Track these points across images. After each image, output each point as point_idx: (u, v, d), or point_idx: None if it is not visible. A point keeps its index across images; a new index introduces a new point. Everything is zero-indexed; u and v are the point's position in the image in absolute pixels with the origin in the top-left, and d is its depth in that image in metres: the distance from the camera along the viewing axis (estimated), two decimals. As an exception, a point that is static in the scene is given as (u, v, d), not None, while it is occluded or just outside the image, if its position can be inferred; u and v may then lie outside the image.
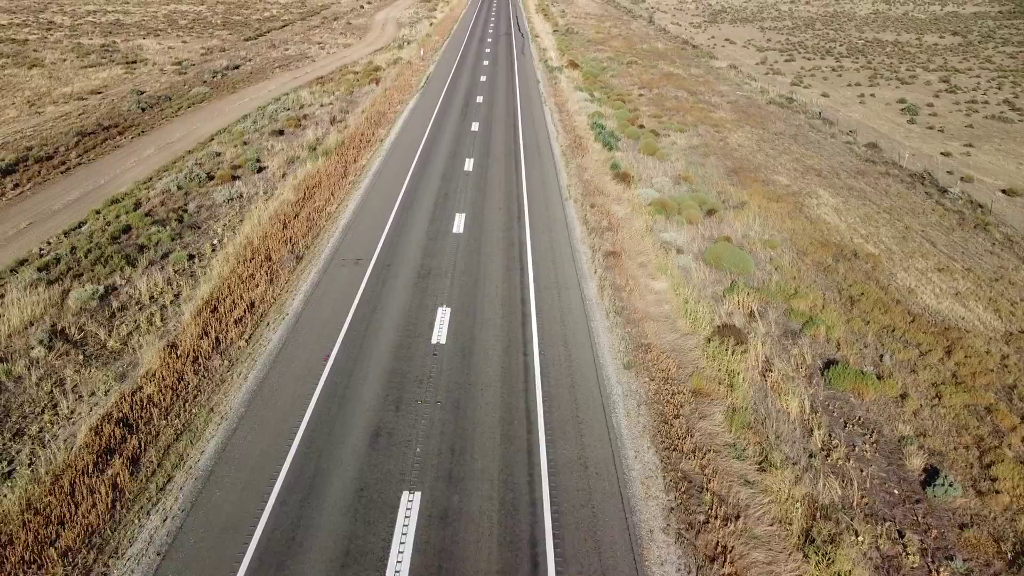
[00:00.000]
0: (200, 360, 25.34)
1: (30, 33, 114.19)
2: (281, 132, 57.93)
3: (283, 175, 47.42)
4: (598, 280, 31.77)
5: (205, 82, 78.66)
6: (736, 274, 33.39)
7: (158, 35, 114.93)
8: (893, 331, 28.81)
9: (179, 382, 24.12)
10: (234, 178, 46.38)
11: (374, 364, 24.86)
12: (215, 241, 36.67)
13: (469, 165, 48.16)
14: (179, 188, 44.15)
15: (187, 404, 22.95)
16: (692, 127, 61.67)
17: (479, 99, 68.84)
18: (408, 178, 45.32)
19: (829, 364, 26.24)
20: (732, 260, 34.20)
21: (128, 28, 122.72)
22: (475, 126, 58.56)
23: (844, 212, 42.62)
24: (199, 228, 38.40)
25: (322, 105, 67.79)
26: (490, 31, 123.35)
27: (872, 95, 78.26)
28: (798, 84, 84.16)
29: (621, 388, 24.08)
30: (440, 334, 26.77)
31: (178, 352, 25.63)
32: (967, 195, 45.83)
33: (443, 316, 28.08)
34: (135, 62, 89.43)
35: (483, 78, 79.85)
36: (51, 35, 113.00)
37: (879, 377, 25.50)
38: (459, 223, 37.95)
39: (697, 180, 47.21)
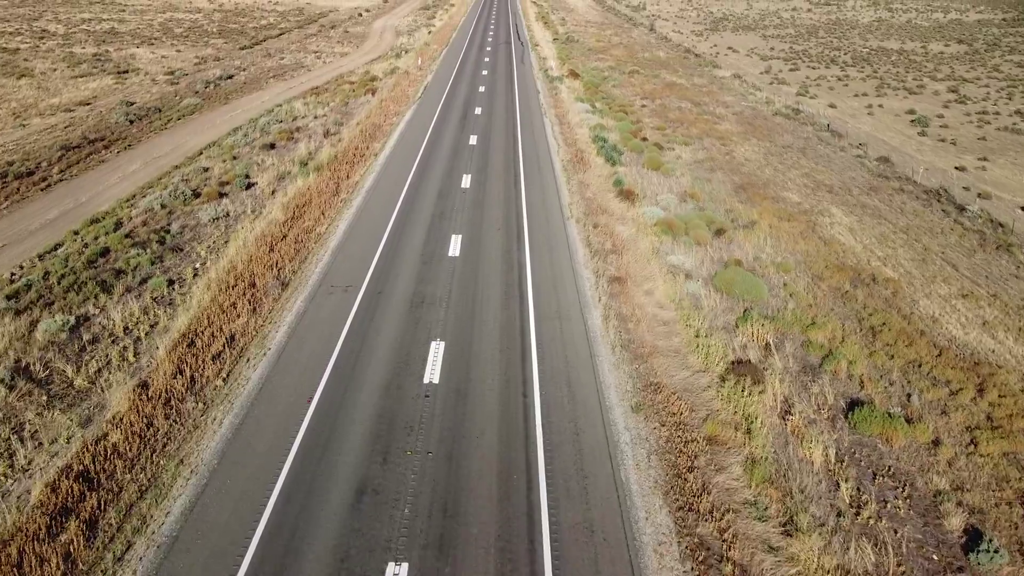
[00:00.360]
0: (172, 402, 23.37)
1: (22, 42, 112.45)
2: (272, 146, 56.05)
3: (272, 192, 45.52)
4: (602, 309, 29.80)
5: (197, 92, 76.82)
6: (749, 301, 31.43)
7: (152, 44, 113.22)
8: (919, 366, 26.84)
9: (148, 428, 22.15)
10: (221, 195, 44.47)
11: (361, 407, 22.88)
12: (197, 265, 34.73)
13: (466, 182, 46.25)
14: (163, 207, 42.21)
15: (155, 455, 20.97)
16: (697, 140, 59.79)
17: (477, 110, 67.00)
18: (402, 196, 43.38)
19: (853, 405, 24.28)
20: (744, 286, 32.24)
21: (122, 36, 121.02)
22: (473, 139, 56.68)
23: (859, 232, 40.67)
24: (181, 250, 36.44)
25: (316, 117, 65.94)
26: (489, 39, 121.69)
27: (880, 106, 76.41)
28: (804, 94, 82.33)
29: (629, 435, 22.11)
30: (433, 372, 24.80)
31: (149, 393, 23.68)
32: (986, 213, 43.89)
33: (436, 351, 26.11)
34: (127, 72, 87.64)
35: (482, 88, 78.03)
36: (43, 44, 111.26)
37: (908, 420, 23.54)
38: (455, 245, 36.00)
39: (704, 197, 45.31)
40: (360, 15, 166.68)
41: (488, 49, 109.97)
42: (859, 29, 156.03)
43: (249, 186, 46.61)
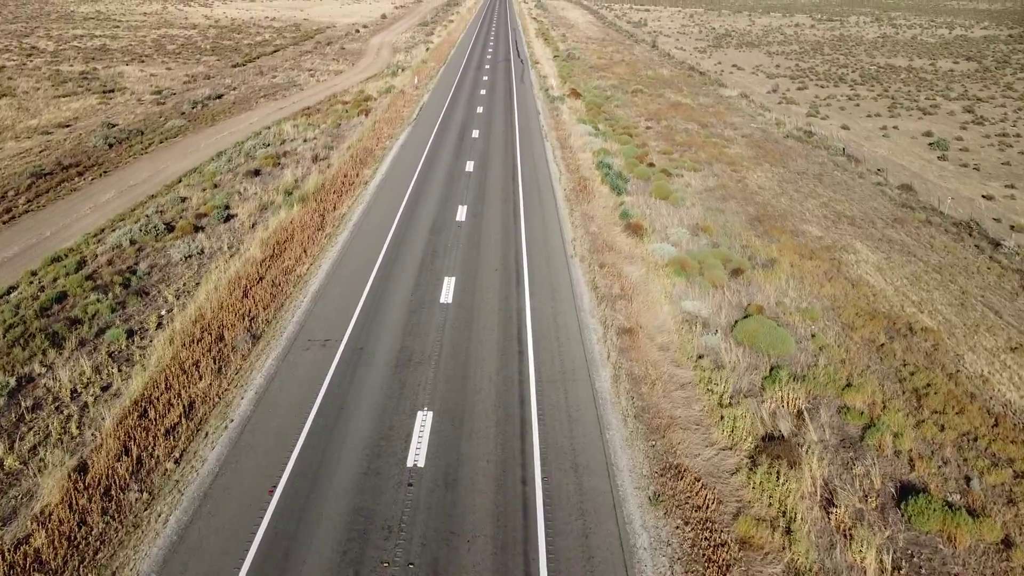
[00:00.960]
0: (113, 492, 20.03)
1: (9, 59, 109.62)
2: (257, 172, 52.87)
3: (253, 225, 42.27)
4: (612, 368, 26.45)
5: (183, 113, 73.75)
6: (775, 357, 28.09)
7: (143, 61, 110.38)
8: (975, 440, 23.46)
9: (80, 527, 18.80)
10: (197, 229, 41.20)
11: (331, 501, 19.51)
12: (163, 312, 31.43)
13: (462, 214, 42.98)
14: (132, 243, 38.95)
15: (83, 566, 17.54)
16: (706, 165, 56.60)
17: (475, 133, 63.85)
18: (392, 230, 40.11)
19: (905, 490, 20.95)
20: (769, 339, 28.88)
21: (113, 53, 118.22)
22: (470, 165, 53.49)
23: (888, 271, 37.35)
24: (147, 295, 33.14)
25: (305, 140, 62.79)
26: (488, 57, 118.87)
27: (895, 127, 73.31)
28: (814, 115, 79.27)
29: (648, 536, 18.73)
30: (418, 452, 21.43)
31: (87, 479, 20.34)
32: None
33: (423, 424, 22.73)
34: (112, 91, 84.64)
35: (480, 109, 74.95)
36: (31, 61, 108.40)
37: (972, 513, 20.14)
38: (448, 289, 32.66)
39: (718, 231, 42.02)
40: (357, 31, 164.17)
41: (487, 67, 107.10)
42: (865, 46, 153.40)
43: (228, 218, 43.38)
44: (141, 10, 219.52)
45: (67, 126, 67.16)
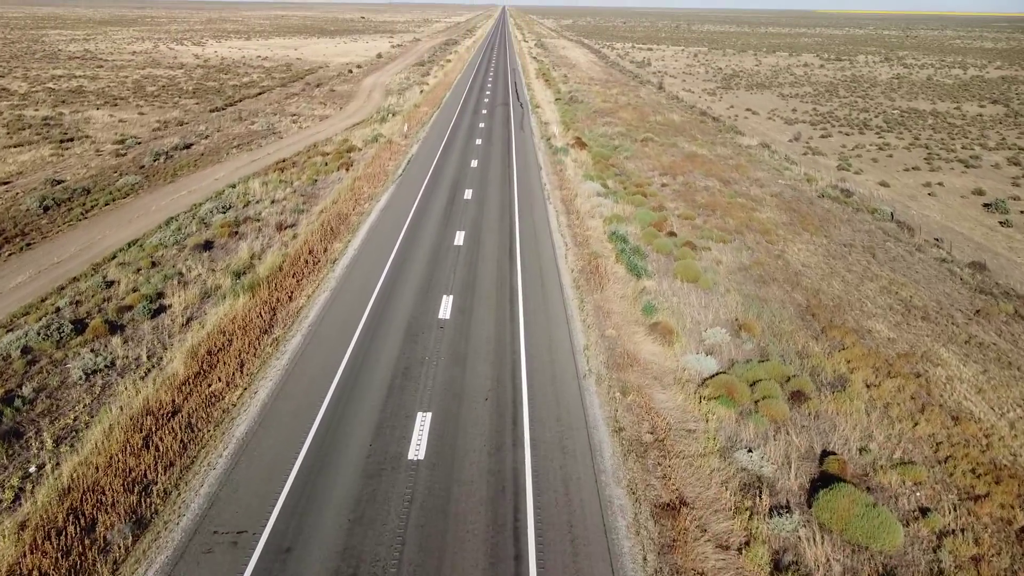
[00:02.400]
0: None
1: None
2: (209, 245, 44.72)
3: (187, 322, 33.98)
4: (653, 590, 17.82)
5: (142, 167, 65.85)
6: (880, 556, 19.47)
7: (116, 105, 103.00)
8: None
9: None
10: (114, 329, 32.90)
11: None
12: (32, 469, 23.05)
13: (446, 308, 34.60)
14: (24, 352, 30.60)
15: None
16: (736, 234, 48.43)
17: (467, 194, 55.79)
18: (356, 335, 31.71)
19: None
20: (866, 526, 20.50)
21: (87, 96, 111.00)
22: (459, 237, 45.28)
23: (991, 394, 28.91)
24: (20, 438, 24.72)
25: (273, 201, 54.73)
26: (486, 101, 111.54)
27: (940, 184, 65.34)
28: (846, 168, 71.38)
29: None
30: None
31: None
32: None
33: None
34: (71, 139, 76.93)
35: (474, 163, 67.02)
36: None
37: None
38: (420, 435, 24.21)
39: (764, 330, 33.66)
40: (350, 71, 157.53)
41: (484, 112, 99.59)
42: (880, 87, 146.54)
43: (158, 312, 35.10)
44: (131, 49, 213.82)
45: (6, 183, 59.16)
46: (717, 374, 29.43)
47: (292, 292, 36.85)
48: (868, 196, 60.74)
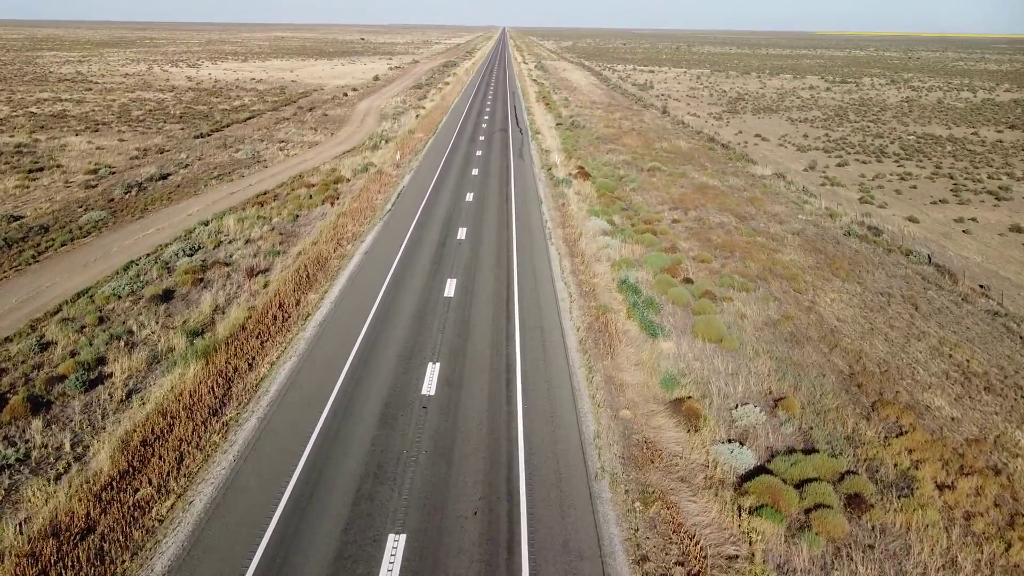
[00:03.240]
0: None
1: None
2: (168, 295, 39.70)
3: (127, 396, 29.05)
4: None
5: (112, 201, 61.03)
6: None
7: (97, 130, 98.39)
8: None
9: None
10: (37, 408, 27.92)
11: None
12: None
13: (431, 382, 29.48)
14: (-79, 442, 25.35)
15: None
16: (759, 281, 43.41)
17: (461, 233, 50.81)
18: (321, 421, 26.58)
19: None
20: None
21: (68, 121, 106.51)
22: (450, 287, 40.20)
23: (1090, 496, 23.61)
24: None
25: (248, 241, 49.80)
26: (483, 127, 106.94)
27: (973, 219, 60.41)
28: (869, 200, 66.50)
29: None
30: None
31: None
32: None
33: None
34: (42, 169, 72.17)
35: (469, 196, 62.13)
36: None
37: None
38: (393, 559, 18.93)
39: (803, 406, 28.61)
40: (345, 95, 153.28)
41: (481, 139, 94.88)
42: (891, 111, 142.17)
43: (95, 383, 30.12)
44: (124, 71, 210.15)
45: (-41, 220, 54.19)
46: (756, 471, 24.28)
47: (254, 358, 31.73)
48: (898, 234, 55.79)
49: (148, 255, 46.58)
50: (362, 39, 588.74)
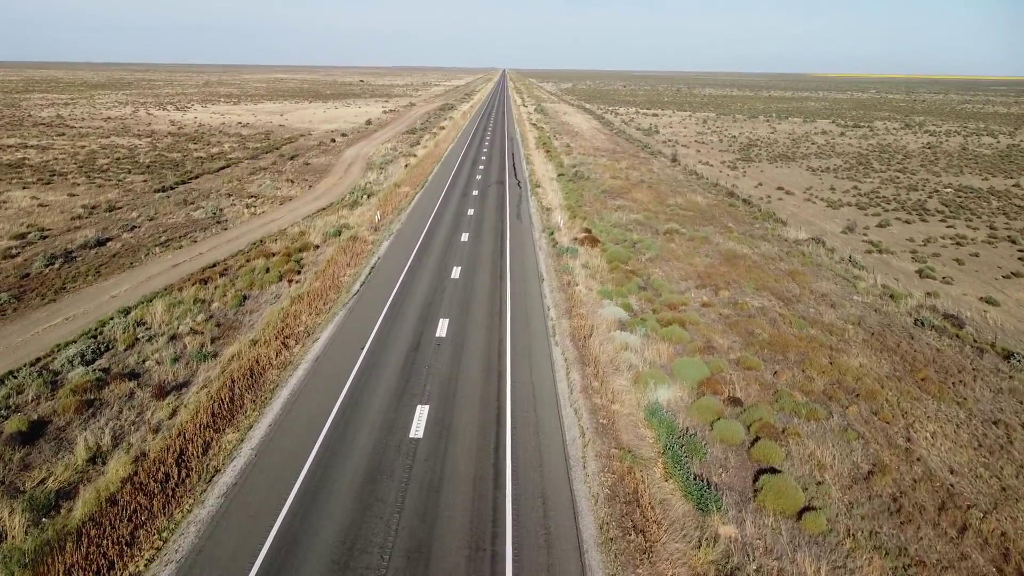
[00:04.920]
0: None
1: None
2: (37, 430, 29.34)
3: None
4: None
5: (26, 276, 50.91)
6: None
7: (49, 183, 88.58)
8: None
9: None
10: None
11: None
12: None
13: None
14: None
15: None
16: (828, 401, 32.98)
17: (440, 329, 40.30)
18: None
19: None
20: None
21: (23, 171, 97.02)
22: (420, 422, 29.58)
23: None
24: None
25: (174, 338, 39.36)
26: (478, 178, 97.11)
27: (1062, 301, 49.95)
28: (930, 274, 56.23)
29: None
30: None
31: None
32: None
33: None
34: (-38, 234, 61.86)
35: (456, 272, 51.80)
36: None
37: None
38: None
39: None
40: (333, 140, 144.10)
41: (475, 194, 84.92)
42: (916, 158, 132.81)
43: None
44: (108, 114, 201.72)
45: None
46: None
47: (114, 561, 20.95)
48: (981, 323, 45.36)
49: (35, 362, 36.00)
50: (361, 81, 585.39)
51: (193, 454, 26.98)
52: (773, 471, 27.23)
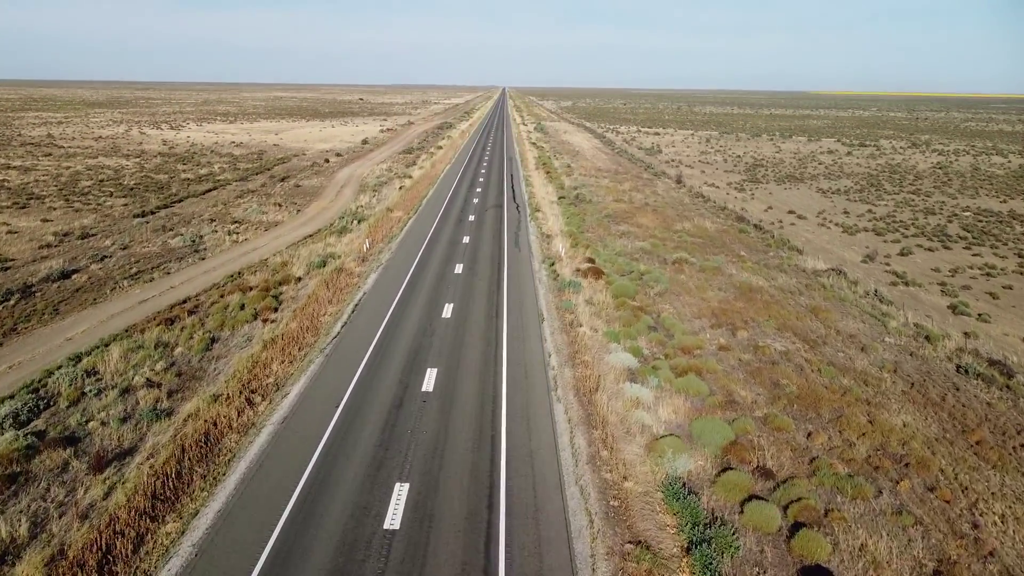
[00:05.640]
0: None
1: None
2: (-58, 519, 24.33)
3: None
4: None
5: (-25, 316, 45.97)
6: None
7: (25, 207, 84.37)
8: None
9: None
10: None
11: None
12: None
13: None
14: None
15: None
16: (875, 472, 28.45)
17: (427, 381, 35.69)
18: None
19: None
20: None
21: (1, 193, 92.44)
22: (398, 503, 24.94)
23: None
24: None
25: (126, 391, 34.91)
26: (475, 202, 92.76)
27: (1114, 342, 45.34)
28: (964, 310, 51.70)
29: None
30: None
31: None
32: None
33: None
34: (-83, 265, 57.39)
35: (448, 310, 47.26)
36: None
37: None
38: None
39: None
40: (326, 161, 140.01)
41: (471, 218, 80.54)
42: (928, 179, 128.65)
43: None
44: (98, 133, 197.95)
45: None
46: None
47: None
48: (1028, 369, 40.74)
49: (-39, 424, 31.33)
50: (360, 99, 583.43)
51: (121, 552, 22.32)
52: (820, 570, 22.59)
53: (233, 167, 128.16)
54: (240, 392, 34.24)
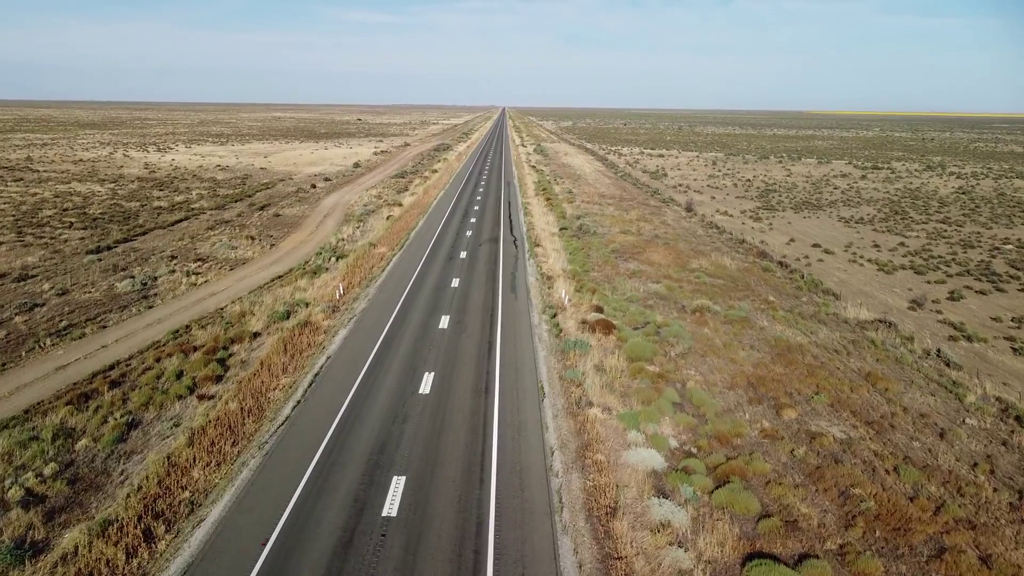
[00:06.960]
0: None
1: None
2: None
3: None
4: None
5: None
6: None
7: (-30, 241, 75.69)
8: None
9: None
10: None
11: None
12: None
13: None
14: None
15: None
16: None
17: (391, 499, 27.11)
18: None
19: None
20: None
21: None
22: None
23: None
24: None
25: (-9, 513, 25.83)
26: (468, 234, 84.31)
27: None
28: (1046, 376, 42.91)
29: None
30: None
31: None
32: None
33: None
34: None
35: (426, 382, 38.59)
36: None
37: None
38: None
39: None
40: (313, 186, 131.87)
41: (462, 255, 72.07)
42: (954, 205, 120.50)
43: None
44: (81, 156, 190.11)
45: None
46: None
47: None
48: None
49: None
50: (359, 119, 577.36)
51: None
52: None
53: (213, 194, 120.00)
54: (141, 517, 25.54)
